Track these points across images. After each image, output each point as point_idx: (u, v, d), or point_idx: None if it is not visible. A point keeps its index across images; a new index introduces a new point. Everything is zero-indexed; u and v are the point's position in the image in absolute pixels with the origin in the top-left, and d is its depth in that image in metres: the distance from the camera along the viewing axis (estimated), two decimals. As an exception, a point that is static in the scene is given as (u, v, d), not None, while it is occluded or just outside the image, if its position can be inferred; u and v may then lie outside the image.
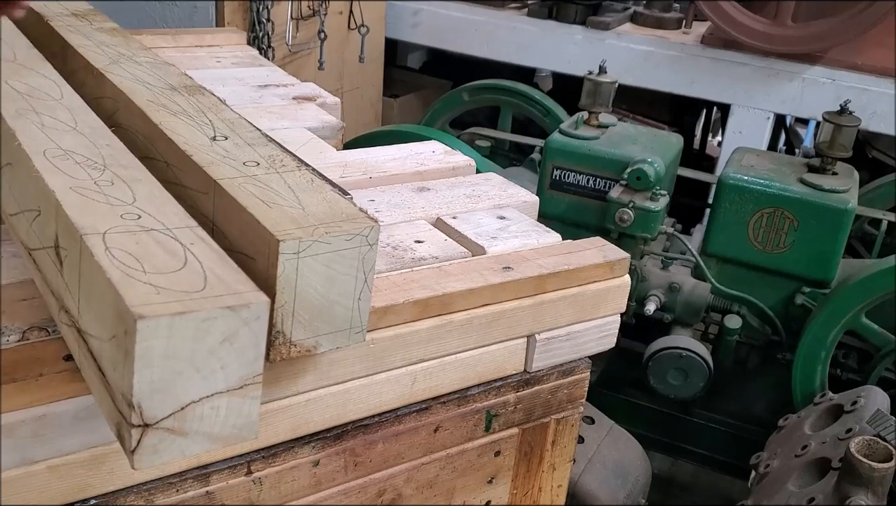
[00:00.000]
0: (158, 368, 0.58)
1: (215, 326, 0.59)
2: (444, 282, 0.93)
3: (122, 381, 0.58)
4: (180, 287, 0.59)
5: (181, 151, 0.84)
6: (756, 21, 2.73)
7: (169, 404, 0.59)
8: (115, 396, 0.60)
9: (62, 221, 0.68)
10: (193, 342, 0.58)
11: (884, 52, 2.66)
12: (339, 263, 0.73)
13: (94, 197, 0.70)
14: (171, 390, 0.59)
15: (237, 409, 0.63)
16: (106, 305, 0.60)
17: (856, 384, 2.01)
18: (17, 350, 0.73)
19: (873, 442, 1.42)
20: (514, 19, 3.16)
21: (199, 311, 0.58)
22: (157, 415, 0.59)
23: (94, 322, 0.63)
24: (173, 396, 0.59)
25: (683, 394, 2.14)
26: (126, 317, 0.56)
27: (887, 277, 1.95)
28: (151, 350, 0.57)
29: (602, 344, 1.08)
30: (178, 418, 0.60)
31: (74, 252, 0.65)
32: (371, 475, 0.95)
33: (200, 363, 0.60)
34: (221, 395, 0.62)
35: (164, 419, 0.60)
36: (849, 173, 2.14)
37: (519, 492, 1.12)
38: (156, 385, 0.58)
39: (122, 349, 0.58)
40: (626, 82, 2.65)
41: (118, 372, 0.59)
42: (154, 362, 0.57)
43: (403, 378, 0.92)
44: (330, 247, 0.72)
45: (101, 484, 0.76)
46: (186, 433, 0.61)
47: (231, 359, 0.61)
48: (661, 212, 2.10)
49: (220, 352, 0.60)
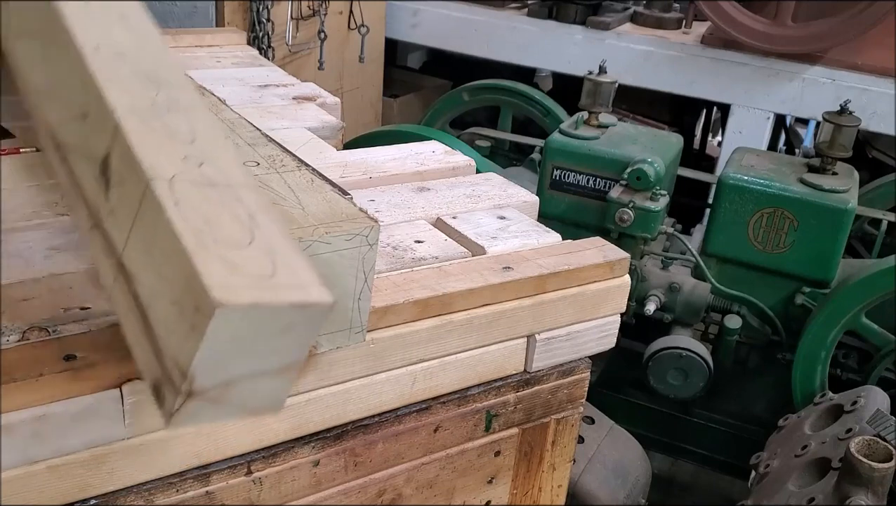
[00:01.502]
0: (221, 348, 0.58)
1: (280, 318, 0.59)
2: (444, 282, 0.93)
3: (179, 349, 0.58)
4: (252, 269, 0.58)
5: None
6: (756, 21, 2.73)
7: (218, 379, 0.60)
8: (164, 357, 0.60)
9: (121, 147, 0.63)
10: (257, 329, 0.59)
11: (884, 52, 2.66)
12: (339, 262, 0.73)
13: (154, 125, 0.64)
14: (224, 366, 0.60)
15: (273, 388, 0.64)
16: (172, 267, 0.58)
17: (856, 384, 2.01)
18: (17, 350, 0.73)
19: (873, 442, 1.42)
20: (514, 19, 3.16)
21: (273, 303, 0.57)
22: (204, 386, 0.60)
23: (149, 271, 0.61)
24: (224, 371, 0.60)
25: (683, 394, 2.14)
26: (202, 296, 0.55)
27: (887, 277, 1.95)
28: (221, 333, 0.57)
29: (602, 344, 1.08)
30: (221, 391, 0.61)
31: (134, 188, 0.62)
32: (371, 475, 0.95)
33: (256, 347, 0.60)
34: (265, 375, 0.62)
35: (209, 391, 0.60)
36: (849, 173, 2.14)
37: (519, 492, 1.12)
38: (213, 362, 0.59)
39: (187, 321, 0.57)
40: (626, 82, 2.65)
41: (175, 338, 0.59)
42: (219, 343, 0.58)
43: (403, 378, 0.92)
44: (330, 247, 0.72)
45: (101, 484, 0.76)
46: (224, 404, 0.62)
47: (284, 347, 0.62)
48: (661, 212, 2.10)
49: (276, 340, 0.61)
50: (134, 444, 0.76)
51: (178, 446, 0.78)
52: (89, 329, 0.77)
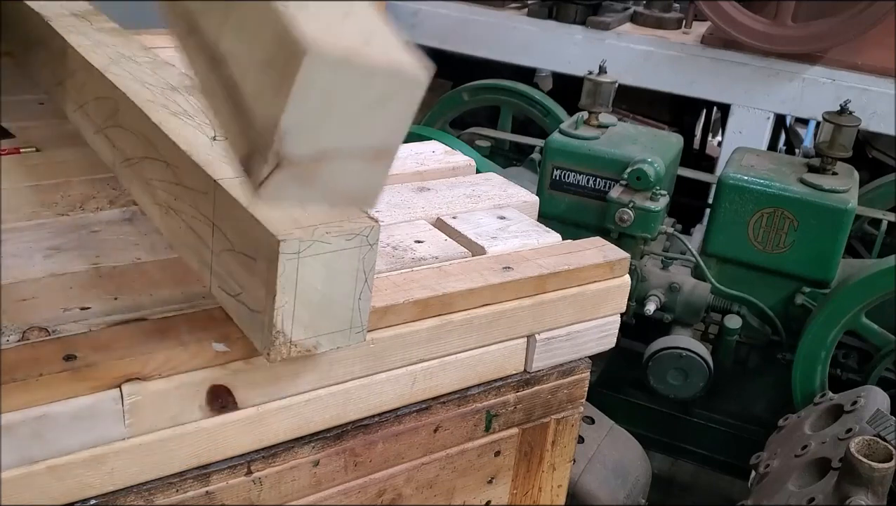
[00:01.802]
0: (312, 106, 0.56)
1: (373, 84, 0.57)
2: (444, 282, 0.93)
3: (268, 109, 0.57)
4: (347, 35, 0.57)
5: (181, 150, 0.84)
6: (756, 21, 2.73)
7: (308, 146, 0.58)
8: (254, 124, 0.59)
9: None
10: (349, 92, 0.56)
11: (884, 52, 2.66)
12: (339, 262, 0.73)
13: None
14: (316, 132, 0.57)
15: (367, 175, 0.61)
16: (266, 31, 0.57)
17: (856, 384, 2.01)
18: (17, 350, 0.73)
19: (873, 442, 1.42)
20: (514, 19, 3.16)
21: (365, 62, 0.56)
22: (294, 153, 0.57)
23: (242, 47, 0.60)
24: (315, 139, 0.57)
25: (683, 394, 2.14)
26: (293, 46, 0.54)
27: (887, 277, 1.95)
28: (311, 86, 0.55)
29: (602, 344, 1.08)
30: (312, 166, 0.58)
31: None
32: (371, 475, 0.95)
33: (349, 116, 0.58)
34: (355, 157, 0.60)
35: (299, 161, 0.58)
36: (849, 173, 2.14)
37: (519, 492, 1.12)
38: (303, 123, 0.56)
39: (277, 76, 0.56)
40: (626, 82, 2.65)
41: (264, 100, 0.57)
42: (309, 100, 0.55)
43: (403, 378, 0.92)
44: (330, 247, 0.72)
45: (101, 484, 0.76)
46: (313, 183, 0.60)
47: (377, 122, 0.59)
48: (661, 212, 2.10)
49: (369, 113, 0.58)
50: (134, 444, 0.76)
51: (178, 446, 0.78)
52: (89, 329, 0.77)
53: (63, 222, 0.97)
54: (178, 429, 0.78)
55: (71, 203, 1.02)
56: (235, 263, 0.77)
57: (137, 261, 0.91)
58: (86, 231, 0.96)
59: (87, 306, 0.81)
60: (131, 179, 1.00)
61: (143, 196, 0.98)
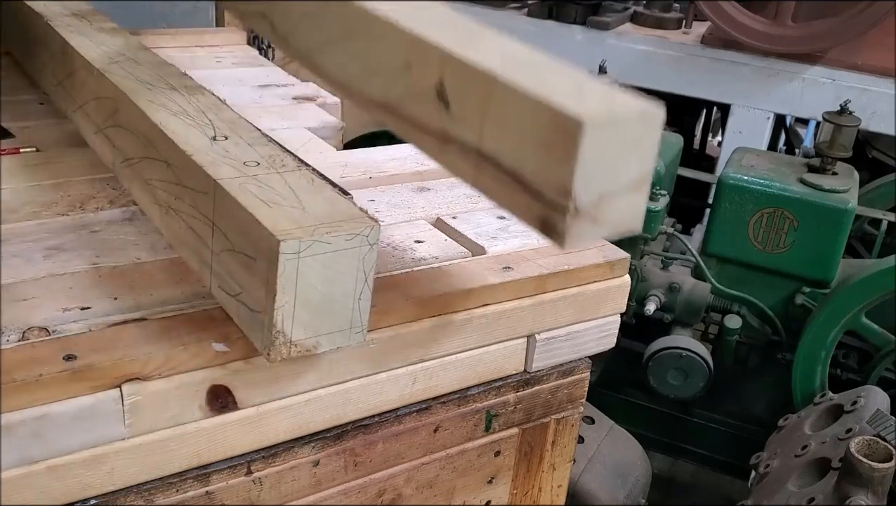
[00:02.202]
0: (591, 164, 0.70)
1: (629, 131, 0.72)
2: (444, 282, 0.93)
3: (558, 176, 0.71)
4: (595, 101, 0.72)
5: (181, 150, 0.84)
6: (756, 21, 2.73)
7: (592, 194, 0.71)
8: (545, 192, 0.73)
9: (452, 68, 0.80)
10: (614, 143, 0.71)
11: (884, 52, 2.66)
12: (339, 263, 0.73)
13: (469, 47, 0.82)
14: (595, 183, 0.71)
15: (633, 203, 0.75)
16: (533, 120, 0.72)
17: (856, 384, 2.01)
18: (17, 350, 0.73)
19: (873, 442, 1.42)
20: (514, 19, 3.16)
21: (621, 118, 0.71)
22: (584, 203, 0.71)
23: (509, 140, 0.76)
24: (595, 188, 0.71)
25: (683, 394, 2.14)
26: (569, 123, 0.69)
27: (887, 277, 1.95)
28: (588, 148, 0.69)
29: (602, 344, 1.08)
30: (596, 208, 0.72)
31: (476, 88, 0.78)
32: (371, 475, 0.95)
33: (615, 162, 0.72)
34: (625, 190, 0.74)
35: (588, 208, 0.72)
36: (849, 173, 2.14)
37: (519, 492, 1.12)
38: (587, 178, 0.70)
39: (559, 151, 0.70)
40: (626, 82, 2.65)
41: (551, 170, 0.72)
42: (589, 160, 0.69)
43: (403, 378, 0.92)
44: (330, 247, 0.72)
45: (101, 484, 0.76)
46: (600, 222, 0.73)
47: (633, 160, 0.73)
48: (661, 212, 2.10)
49: (630, 153, 0.72)
50: (134, 444, 0.76)
51: (178, 445, 0.78)
52: (89, 329, 0.77)
53: (63, 222, 0.97)
54: (178, 429, 0.78)
55: (71, 203, 1.02)
56: (235, 263, 0.77)
57: (137, 261, 0.90)
58: (86, 231, 0.96)
59: (87, 306, 0.81)
60: (131, 179, 1.00)
61: (143, 196, 0.98)
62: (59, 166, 1.10)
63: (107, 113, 1.04)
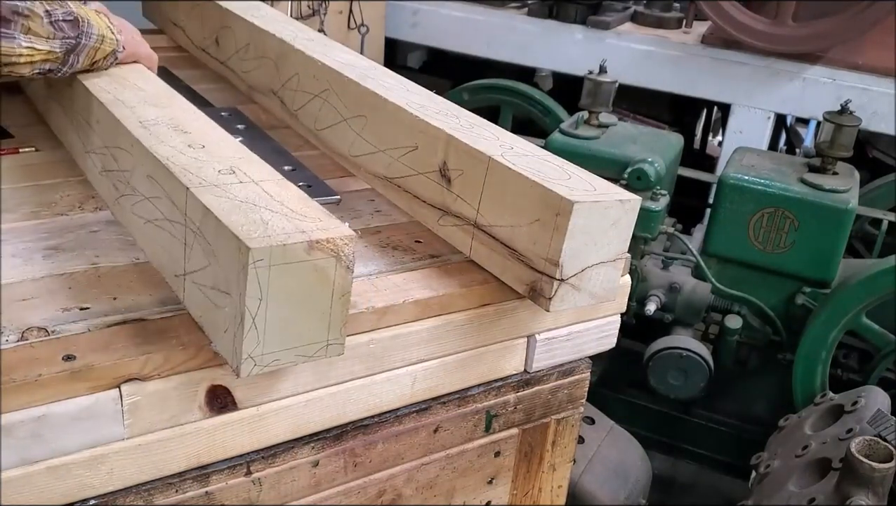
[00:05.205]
0: (577, 239, 0.83)
1: (611, 213, 0.84)
2: (444, 282, 0.93)
3: (546, 249, 0.84)
4: (580, 188, 0.85)
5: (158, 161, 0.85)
6: (756, 20, 2.73)
7: (577, 267, 0.84)
8: (535, 262, 0.86)
9: (455, 149, 0.95)
10: (597, 223, 0.84)
11: (884, 52, 2.66)
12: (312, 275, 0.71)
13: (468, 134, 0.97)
14: (579, 256, 0.84)
15: (610, 275, 0.88)
16: (526, 200, 0.86)
17: (856, 384, 2.01)
18: (16, 350, 0.73)
19: (874, 442, 1.42)
20: (514, 19, 3.15)
21: (604, 201, 0.84)
22: (568, 274, 0.84)
23: (504, 215, 0.89)
24: (579, 261, 0.84)
25: (683, 394, 2.14)
26: (561, 204, 0.82)
27: (887, 277, 1.95)
28: (576, 226, 0.82)
29: (602, 344, 1.08)
30: (579, 278, 0.85)
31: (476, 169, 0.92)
32: (371, 476, 0.95)
33: (597, 239, 0.85)
34: (604, 264, 0.86)
35: (572, 277, 0.85)
36: (849, 173, 2.14)
37: (519, 492, 1.11)
38: (573, 252, 0.83)
39: (550, 228, 0.83)
40: (626, 82, 2.65)
41: (540, 245, 0.85)
42: (575, 236, 0.82)
43: (403, 378, 0.92)
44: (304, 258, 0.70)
45: (100, 484, 0.75)
46: (581, 290, 0.87)
47: (614, 238, 0.86)
48: (662, 212, 2.10)
49: (609, 232, 0.85)
50: (133, 444, 0.76)
51: (178, 446, 0.78)
52: (89, 329, 0.77)
53: (62, 222, 0.97)
54: (177, 429, 0.78)
55: (70, 203, 1.02)
56: (208, 275, 0.76)
57: (137, 261, 0.90)
58: (85, 231, 0.96)
59: (86, 306, 0.81)
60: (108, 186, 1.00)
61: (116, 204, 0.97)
62: (58, 166, 1.10)
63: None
